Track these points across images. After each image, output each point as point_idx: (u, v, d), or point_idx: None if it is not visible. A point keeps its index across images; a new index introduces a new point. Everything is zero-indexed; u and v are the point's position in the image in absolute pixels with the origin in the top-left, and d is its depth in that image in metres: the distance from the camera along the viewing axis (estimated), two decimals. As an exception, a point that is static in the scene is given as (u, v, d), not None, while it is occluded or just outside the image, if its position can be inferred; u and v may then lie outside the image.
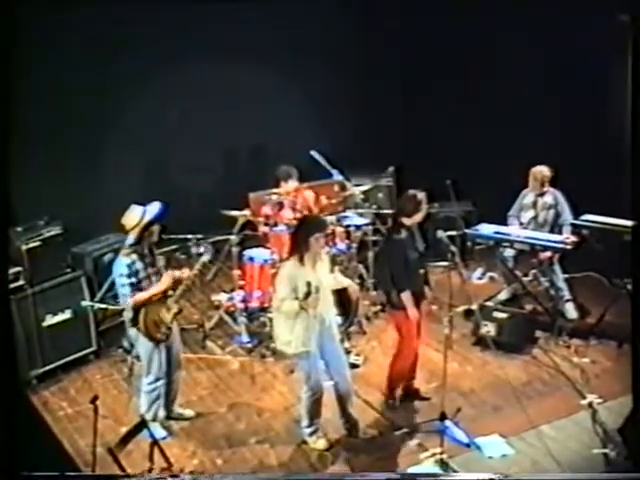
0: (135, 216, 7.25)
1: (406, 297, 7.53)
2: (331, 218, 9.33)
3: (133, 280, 7.19)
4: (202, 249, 8.03)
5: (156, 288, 7.33)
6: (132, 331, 7.41)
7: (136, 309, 7.22)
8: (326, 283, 7.25)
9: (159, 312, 7.36)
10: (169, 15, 10.60)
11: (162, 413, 7.67)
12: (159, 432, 7.39)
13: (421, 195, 7.59)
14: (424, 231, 7.87)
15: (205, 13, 10.76)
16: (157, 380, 7.52)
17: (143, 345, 7.44)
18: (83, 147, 10.56)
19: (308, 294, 6.98)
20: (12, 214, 7.47)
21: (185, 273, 7.56)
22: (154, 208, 7.33)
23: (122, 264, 7.20)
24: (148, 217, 7.25)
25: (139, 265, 7.24)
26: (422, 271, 7.68)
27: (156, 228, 7.37)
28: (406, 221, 7.54)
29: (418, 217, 7.60)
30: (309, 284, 6.98)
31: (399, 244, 7.53)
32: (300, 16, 11.12)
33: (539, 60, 10.50)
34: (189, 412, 8.03)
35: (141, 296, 7.23)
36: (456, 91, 11.40)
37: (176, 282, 7.47)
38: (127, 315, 7.33)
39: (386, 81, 11.82)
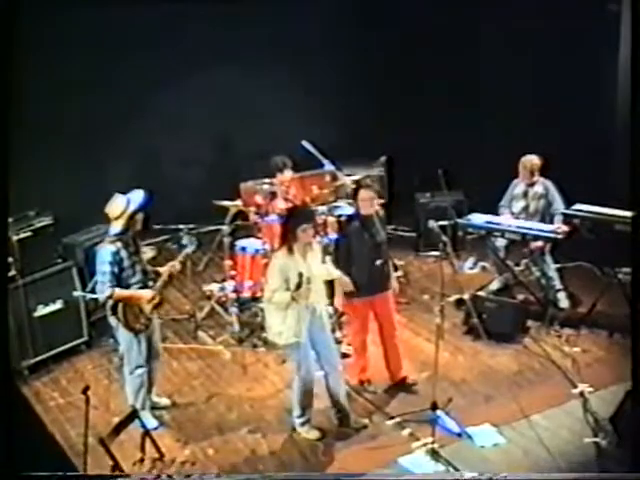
0: (120, 205, 7.24)
1: (337, 284, 7.71)
2: (323, 208, 9.32)
3: (115, 269, 7.19)
4: (185, 240, 8.03)
5: (138, 293, 7.34)
6: (112, 319, 7.41)
7: (114, 298, 7.24)
8: (317, 273, 7.25)
9: (139, 303, 7.37)
10: (162, 13, 10.61)
11: (147, 402, 7.67)
12: (151, 422, 7.40)
13: (364, 191, 7.66)
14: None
15: (198, 10, 10.73)
16: (137, 368, 7.51)
17: (122, 334, 7.44)
18: (74, 138, 10.56)
19: (299, 285, 6.98)
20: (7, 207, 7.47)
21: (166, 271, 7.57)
22: (138, 197, 7.33)
23: (107, 252, 7.20)
24: (133, 207, 7.24)
25: (123, 254, 7.24)
26: (378, 262, 7.65)
27: (140, 217, 7.36)
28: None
29: (367, 207, 7.62)
30: (300, 275, 6.98)
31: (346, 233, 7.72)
32: (293, 10, 11.11)
33: (529, 50, 10.48)
34: (165, 401, 8.03)
35: (121, 293, 7.25)
36: (447, 81, 11.37)
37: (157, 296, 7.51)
38: (107, 303, 7.33)
39: (378, 71, 11.78)
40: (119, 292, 7.24)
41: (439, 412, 7.26)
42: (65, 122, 10.43)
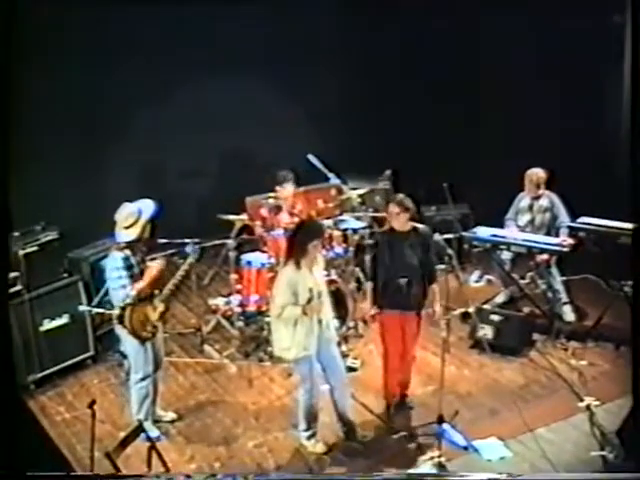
0: (132, 214, 7.29)
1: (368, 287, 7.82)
2: (328, 222, 9.33)
3: (130, 272, 7.25)
4: (188, 249, 8.04)
5: (148, 275, 7.38)
6: (119, 329, 7.44)
7: (123, 307, 7.26)
8: (323, 286, 7.27)
9: (145, 311, 7.40)
10: (168, 18, 10.60)
11: (153, 411, 7.69)
12: (153, 432, 7.39)
13: (392, 205, 7.67)
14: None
15: (205, 18, 10.77)
16: (145, 378, 7.54)
17: (130, 343, 7.48)
18: (80, 152, 10.56)
19: (310, 299, 7.00)
20: (10, 220, 7.49)
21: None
22: (148, 206, 7.38)
23: (118, 258, 7.26)
24: (145, 216, 7.30)
25: (133, 261, 7.30)
26: (402, 280, 7.57)
27: (150, 226, 7.42)
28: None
29: (394, 221, 7.64)
30: (311, 290, 7.02)
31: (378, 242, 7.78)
32: (297, 21, 11.15)
33: (536, 62, 10.50)
34: (170, 415, 8.04)
35: (140, 285, 7.30)
36: (453, 94, 11.39)
37: (159, 282, 7.51)
38: (114, 313, 7.36)
39: (383, 85, 11.80)
40: (139, 285, 7.29)
41: (445, 425, 7.27)
42: (70, 137, 10.44)
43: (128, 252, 7.28)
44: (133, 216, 7.28)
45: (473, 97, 11.28)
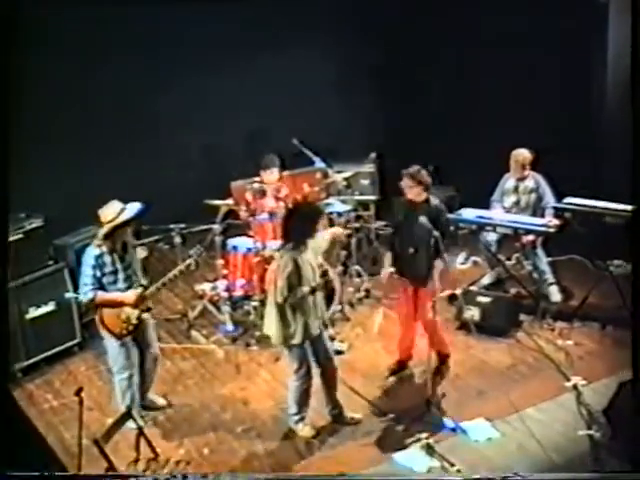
0: (112, 212, 7.23)
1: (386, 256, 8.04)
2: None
3: (97, 272, 7.23)
4: (192, 251, 7.93)
5: (119, 297, 7.32)
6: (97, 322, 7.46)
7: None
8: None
9: (119, 309, 7.35)
10: (160, 13, 10.63)
11: (136, 402, 7.64)
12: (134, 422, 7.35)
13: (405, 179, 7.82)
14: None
15: (195, 9, 10.76)
16: (122, 371, 7.52)
17: (106, 338, 7.47)
18: (65, 139, 10.53)
19: (324, 274, 7.06)
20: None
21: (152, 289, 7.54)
22: (132, 209, 7.32)
23: (90, 254, 7.25)
24: (123, 217, 7.24)
25: (107, 259, 7.26)
26: (410, 250, 7.74)
27: (129, 229, 7.39)
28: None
29: (411, 194, 7.78)
30: (313, 269, 7.13)
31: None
32: (287, 11, 11.14)
33: (518, 44, 10.47)
34: (162, 401, 8.03)
35: (103, 297, 7.28)
36: (438, 77, 11.40)
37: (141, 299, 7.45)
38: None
39: (369, 67, 11.81)
40: (101, 295, 7.27)
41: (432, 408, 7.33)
42: (55, 122, 10.41)
43: (104, 249, 7.24)
44: (111, 214, 7.21)
45: (458, 79, 11.27)
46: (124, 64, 10.65)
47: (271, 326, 7.24)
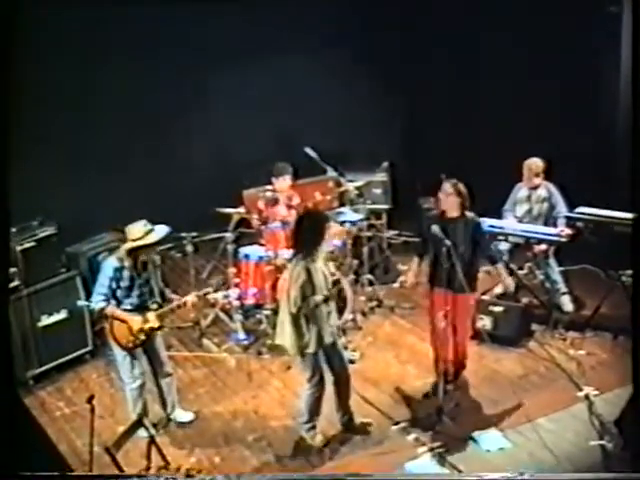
0: (139, 231, 7.28)
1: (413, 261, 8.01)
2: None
3: (113, 285, 7.28)
4: (215, 282, 7.97)
5: (128, 317, 7.35)
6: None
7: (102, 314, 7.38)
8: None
9: (130, 322, 7.37)
10: (167, 16, 10.66)
11: (146, 411, 7.67)
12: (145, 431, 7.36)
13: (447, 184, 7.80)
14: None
15: (202, 14, 10.78)
16: (133, 381, 7.57)
17: (115, 348, 7.51)
18: (77, 147, 10.58)
19: (335, 283, 7.16)
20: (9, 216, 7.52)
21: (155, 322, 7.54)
22: (159, 232, 7.37)
23: (110, 266, 7.30)
24: (149, 240, 7.29)
25: (125, 273, 7.31)
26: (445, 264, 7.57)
27: (152, 250, 7.43)
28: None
29: (446, 205, 7.77)
30: (326, 278, 7.12)
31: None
32: (295, 14, 11.16)
33: (531, 53, 10.47)
34: (188, 416, 7.99)
35: (113, 311, 7.33)
36: (450, 86, 11.39)
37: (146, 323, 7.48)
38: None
39: (381, 78, 11.78)
40: (111, 309, 7.33)
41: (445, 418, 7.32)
42: (68, 131, 10.46)
43: (125, 263, 7.29)
44: (138, 233, 7.26)
45: (471, 89, 11.24)
46: (127, 67, 10.66)
47: (285, 336, 7.23)
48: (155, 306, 7.49)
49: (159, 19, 10.66)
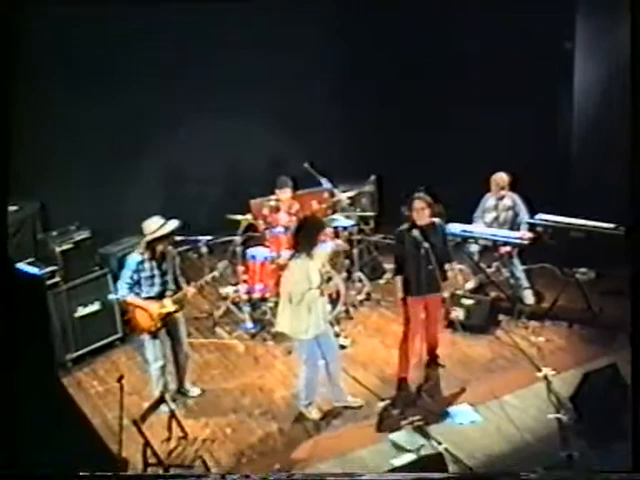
0: (153, 226, 7.36)
1: (396, 281, 7.79)
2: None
3: (135, 276, 7.36)
4: (221, 264, 8.03)
5: (146, 304, 7.42)
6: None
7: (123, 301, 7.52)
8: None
9: (149, 308, 7.44)
10: (178, 24, 10.42)
11: (169, 388, 7.73)
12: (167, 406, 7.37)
13: (418, 201, 7.70)
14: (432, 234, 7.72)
15: (210, 22, 10.50)
16: (156, 362, 7.63)
17: (139, 332, 7.60)
18: (109, 164, 10.51)
19: (329, 279, 7.20)
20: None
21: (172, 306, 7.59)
22: (171, 225, 7.43)
23: (133, 260, 7.39)
24: (163, 231, 7.36)
25: (147, 265, 7.38)
26: (430, 267, 7.53)
27: (168, 241, 7.48)
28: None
29: (418, 218, 7.67)
30: (322, 274, 7.16)
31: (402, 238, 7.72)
32: (288, 28, 10.99)
33: (498, 83, 10.35)
34: (197, 390, 8.05)
35: (133, 300, 7.43)
36: (429, 109, 11.20)
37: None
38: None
39: (366, 98, 11.60)
40: (132, 298, 7.42)
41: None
42: (101, 150, 10.42)
43: (145, 256, 7.37)
44: (152, 227, 7.35)
45: (449, 112, 11.03)
46: (155, 89, 10.43)
47: (285, 324, 7.30)
48: (170, 293, 7.54)
49: (170, 26, 10.36)
